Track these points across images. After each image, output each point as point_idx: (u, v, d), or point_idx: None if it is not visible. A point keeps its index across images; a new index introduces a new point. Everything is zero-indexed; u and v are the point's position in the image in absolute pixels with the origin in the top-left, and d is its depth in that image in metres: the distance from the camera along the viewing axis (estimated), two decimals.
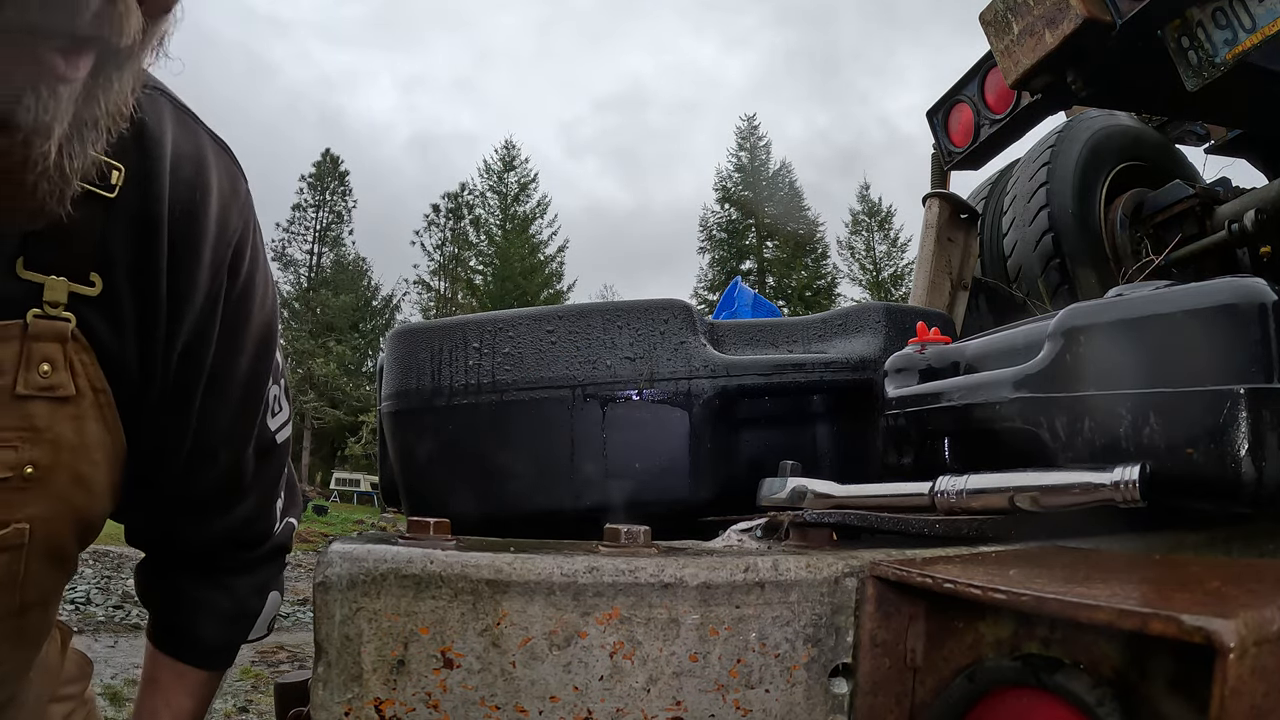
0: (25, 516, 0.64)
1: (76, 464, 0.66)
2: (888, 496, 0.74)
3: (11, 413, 0.61)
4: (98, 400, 0.67)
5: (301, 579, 9.09)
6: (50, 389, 0.63)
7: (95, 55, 0.50)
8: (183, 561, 0.90)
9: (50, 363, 0.62)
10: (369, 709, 0.48)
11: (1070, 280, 2.05)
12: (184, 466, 0.78)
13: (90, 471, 0.68)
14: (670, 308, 1.01)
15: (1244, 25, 1.38)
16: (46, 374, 0.62)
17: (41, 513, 0.65)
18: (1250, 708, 0.34)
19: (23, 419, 0.62)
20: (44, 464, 0.63)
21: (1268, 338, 0.59)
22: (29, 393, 0.61)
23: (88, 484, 0.68)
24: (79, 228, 0.61)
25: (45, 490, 0.64)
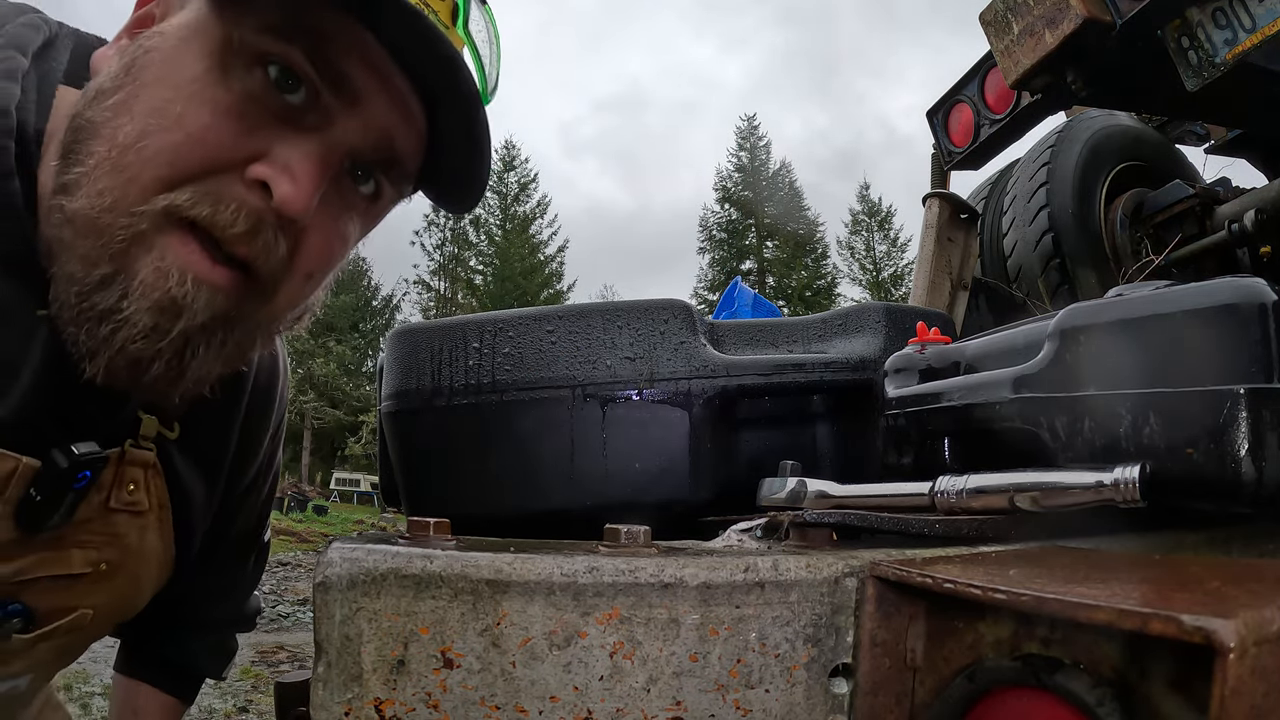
0: (91, 604, 0.75)
1: (135, 565, 0.78)
2: (888, 496, 0.74)
3: (102, 523, 0.73)
4: (160, 515, 0.79)
5: (301, 579, 9.10)
6: (132, 504, 0.75)
7: (248, 278, 0.57)
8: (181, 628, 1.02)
9: (135, 483, 0.74)
10: (369, 709, 0.48)
11: (1070, 280, 2.05)
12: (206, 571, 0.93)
13: (143, 572, 0.80)
14: (670, 308, 1.01)
15: (1244, 25, 1.38)
16: (131, 492, 0.74)
17: (102, 602, 0.77)
18: (1250, 708, 0.34)
19: (107, 527, 0.73)
20: (114, 563, 0.75)
21: (1268, 338, 0.59)
22: (117, 506, 0.73)
23: (139, 582, 0.80)
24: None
25: (109, 584, 0.76)
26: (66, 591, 0.72)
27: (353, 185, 0.62)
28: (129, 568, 0.77)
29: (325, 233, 0.60)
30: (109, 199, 0.53)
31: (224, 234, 0.54)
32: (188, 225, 0.54)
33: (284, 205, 0.55)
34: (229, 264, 0.56)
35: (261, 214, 0.55)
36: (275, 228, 0.57)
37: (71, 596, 0.73)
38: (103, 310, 0.54)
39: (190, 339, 0.56)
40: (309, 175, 0.56)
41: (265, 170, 0.54)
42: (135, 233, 0.53)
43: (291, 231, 0.58)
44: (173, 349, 0.56)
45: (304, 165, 0.56)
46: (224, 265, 0.56)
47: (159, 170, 0.53)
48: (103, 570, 0.74)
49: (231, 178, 0.55)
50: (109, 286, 0.54)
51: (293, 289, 0.61)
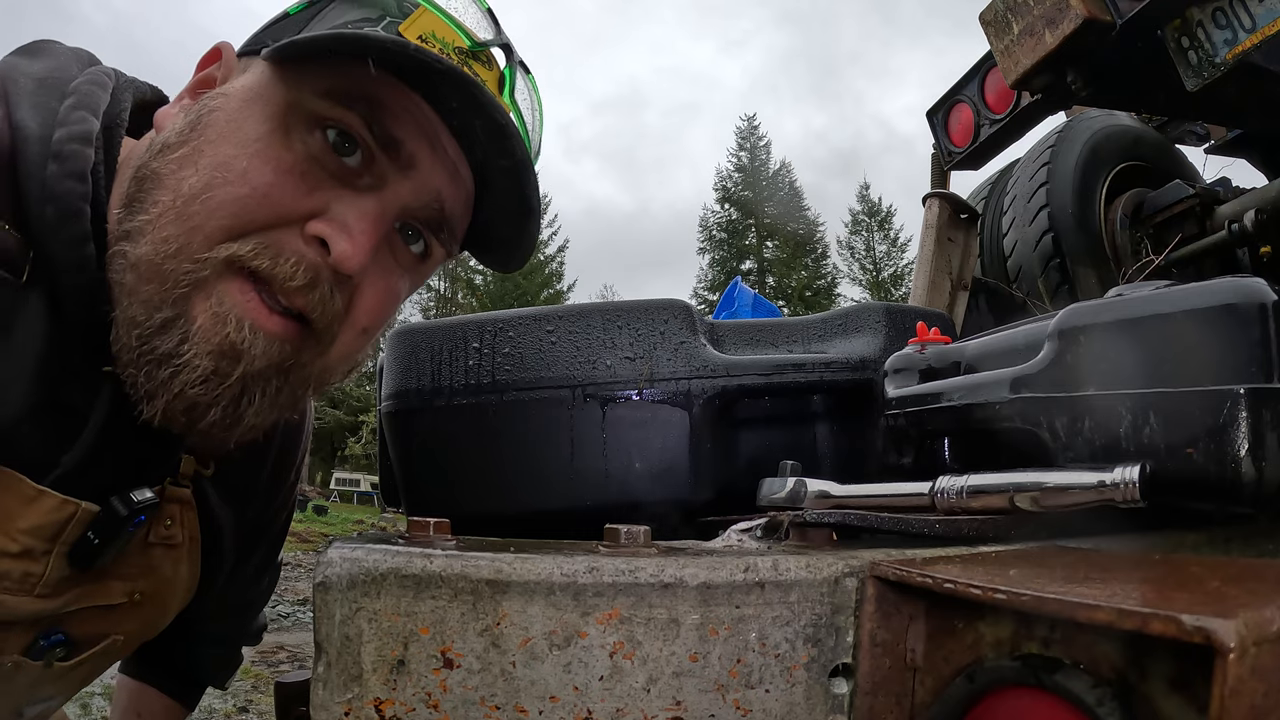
0: (123, 631, 0.80)
1: (165, 594, 0.82)
2: (888, 496, 0.74)
3: (140, 556, 0.77)
4: (190, 548, 0.82)
5: (301, 579, 9.09)
6: (167, 539, 0.79)
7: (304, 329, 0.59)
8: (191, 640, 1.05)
9: (171, 519, 0.78)
10: (369, 709, 0.48)
11: (1070, 280, 2.04)
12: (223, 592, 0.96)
13: (171, 599, 0.83)
14: (670, 308, 1.01)
15: (1244, 25, 1.38)
16: (168, 527, 0.78)
17: (133, 629, 0.81)
18: (1250, 708, 0.34)
19: (145, 560, 0.78)
20: (147, 593, 0.79)
21: (1268, 338, 0.59)
22: (155, 541, 0.77)
23: (166, 609, 0.84)
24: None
25: (140, 612, 0.80)
26: (103, 620, 0.77)
27: (403, 244, 0.65)
28: (160, 596, 0.81)
29: (378, 289, 0.63)
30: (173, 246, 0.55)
31: (283, 286, 0.57)
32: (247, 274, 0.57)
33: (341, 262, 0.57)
34: (285, 314, 0.58)
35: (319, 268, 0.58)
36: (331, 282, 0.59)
37: (107, 624, 0.78)
38: (163, 354, 0.56)
39: (247, 386, 0.58)
40: (364, 233, 0.59)
41: (324, 228, 0.57)
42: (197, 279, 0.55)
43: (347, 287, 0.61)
44: (230, 395, 0.58)
45: (360, 224, 0.58)
46: (280, 314, 0.58)
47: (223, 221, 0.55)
48: (136, 600, 0.78)
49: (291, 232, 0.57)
50: (169, 330, 0.56)
51: (347, 341, 0.64)
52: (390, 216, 0.61)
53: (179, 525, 0.80)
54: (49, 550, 0.66)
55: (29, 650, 0.72)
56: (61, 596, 0.71)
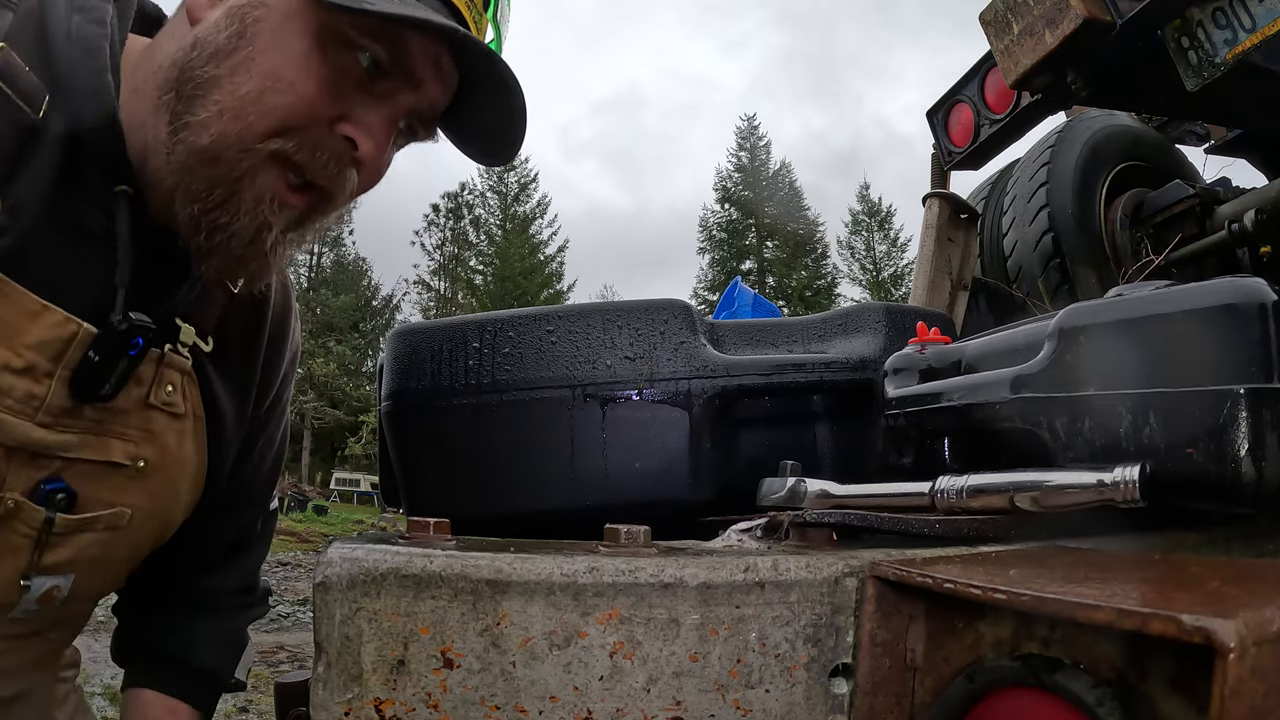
0: (129, 503, 0.81)
1: (173, 471, 0.85)
2: (888, 496, 0.74)
3: (140, 417, 0.80)
4: (196, 425, 0.86)
5: (301, 579, 9.09)
6: (169, 405, 0.82)
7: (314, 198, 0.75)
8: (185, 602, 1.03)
9: (172, 385, 0.82)
10: (369, 709, 0.48)
11: (1070, 280, 2.04)
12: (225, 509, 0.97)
13: (179, 480, 0.86)
14: (670, 308, 1.01)
15: (1244, 25, 1.38)
16: (169, 393, 0.82)
17: (140, 504, 0.82)
18: (1250, 708, 0.34)
19: (146, 423, 0.81)
20: (152, 462, 0.82)
21: (1268, 338, 0.59)
22: (155, 404, 0.81)
23: (175, 491, 0.86)
24: (213, 303, 0.86)
25: (147, 485, 0.82)
26: (106, 483, 0.79)
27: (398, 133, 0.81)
28: (167, 471, 0.84)
29: (378, 165, 0.78)
30: (231, 139, 0.70)
31: (318, 174, 0.73)
32: (284, 162, 0.71)
33: (364, 158, 0.74)
34: (305, 189, 0.74)
35: (345, 160, 0.73)
36: (352, 168, 0.75)
37: (111, 489, 0.80)
38: (220, 224, 0.71)
39: (277, 242, 0.75)
40: (383, 134, 0.75)
41: (353, 130, 0.73)
42: (248, 166, 0.70)
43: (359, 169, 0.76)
44: (262, 251, 0.74)
45: (380, 127, 0.75)
46: (300, 191, 0.73)
47: (271, 122, 0.70)
48: (141, 468, 0.81)
49: (323, 130, 0.72)
50: (225, 205, 0.71)
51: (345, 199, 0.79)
52: (398, 119, 0.77)
53: (180, 395, 0.83)
54: (51, 372, 0.72)
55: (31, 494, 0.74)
56: (62, 434, 0.74)
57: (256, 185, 0.71)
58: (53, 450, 0.74)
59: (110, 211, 0.74)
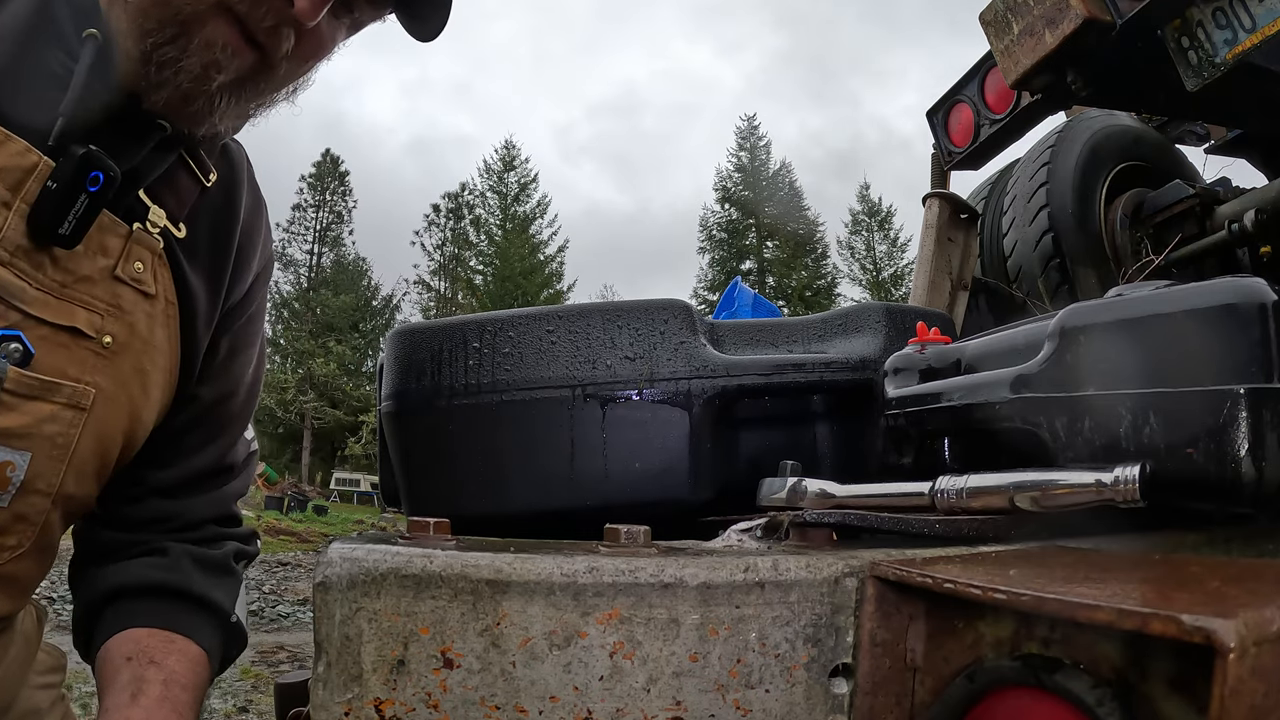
0: (93, 382, 0.78)
1: (141, 355, 0.82)
2: (888, 496, 0.74)
3: (107, 289, 0.78)
4: (167, 310, 0.84)
5: (301, 579, 9.09)
6: (138, 281, 0.80)
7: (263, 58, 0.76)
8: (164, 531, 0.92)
9: (142, 263, 0.80)
10: (369, 709, 0.48)
11: (1070, 280, 2.04)
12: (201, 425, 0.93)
13: (149, 368, 0.83)
14: (670, 308, 1.01)
15: (1244, 25, 1.38)
16: (139, 270, 0.80)
17: (106, 386, 0.79)
18: (1250, 708, 0.34)
19: (113, 296, 0.78)
20: (120, 340, 0.79)
21: (1268, 338, 0.59)
22: (124, 277, 0.79)
23: (145, 381, 0.83)
24: (184, 191, 0.85)
25: (114, 366, 0.79)
26: (68, 353, 0.76)
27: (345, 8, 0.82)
28: (135, 354, 0.81)
29: (320, 33, 0.79)
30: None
31: (256, 25, 0.74)
32: (230, 13, 0.73)
33: (300, 14, 0.74)
34: (250, 44, 0.75)
35: (284, 15, 0.74)
36: (291, 27, 0.76)
37: (74, 362, 0.76)
38: (169, 58, 0.73)
39: (221, 89, 0.76)
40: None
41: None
42: (198, 10, 0.72)
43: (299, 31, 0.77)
44: (209, 92, 0.75)
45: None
46: (249, 46, 0.75)
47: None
48: (107, 344, 0.78)
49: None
50: (175, 42, 0.73)
51: (291, 68, 0.81)
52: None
53: (151, 275, 0.81)
54: (9, 202, 0.71)
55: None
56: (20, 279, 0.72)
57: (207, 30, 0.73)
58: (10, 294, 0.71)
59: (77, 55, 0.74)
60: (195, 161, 0.87)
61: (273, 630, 6.59)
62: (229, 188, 0.92)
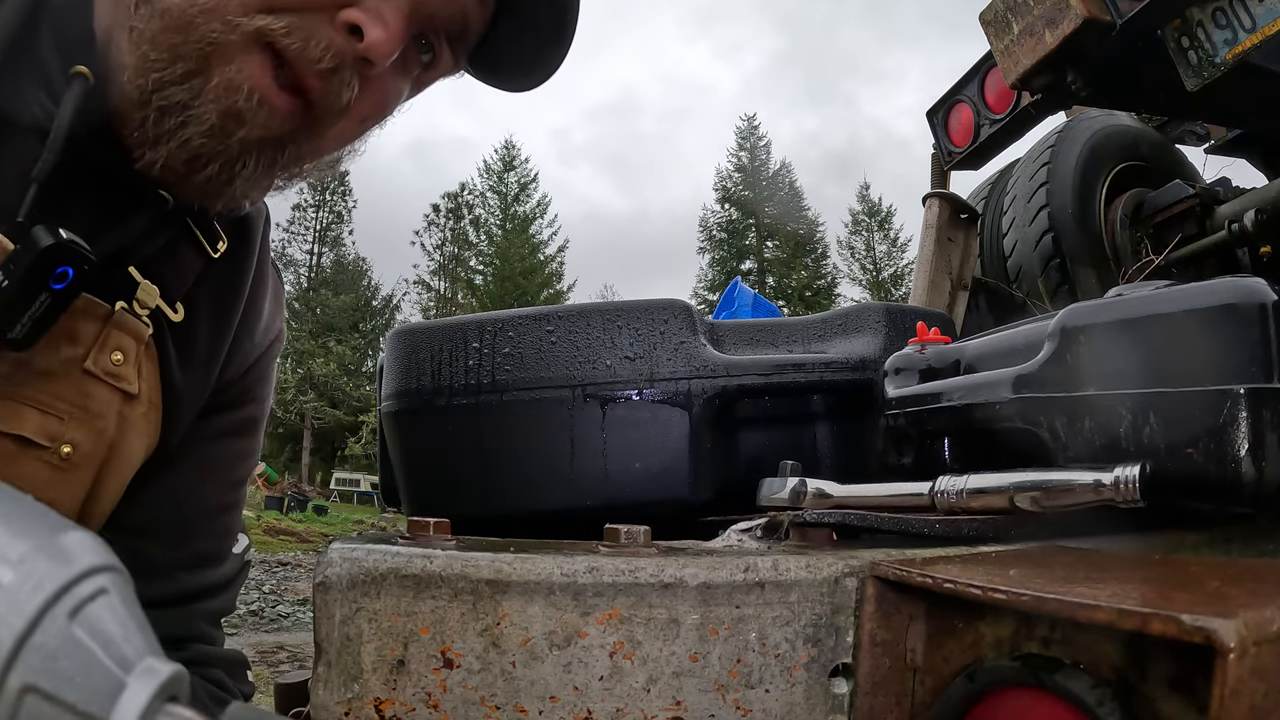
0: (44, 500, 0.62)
1: (105, 466, 0.65)
2: (888, 496, 0.74)
3: (72, 385, 0.61)
4: (149, 414, 0.67)
5: (301, 579, 9.09)
6: (115, 377, 0.63)
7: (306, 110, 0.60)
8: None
9: (123, 353, 0.64)
10: (369, 709, 0.48)
11: (1070, 280, 2.05)
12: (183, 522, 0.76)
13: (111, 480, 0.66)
14: (670, 308, 1.01)
15: (1244, 25, 1.38)
16: (117, 363, 0.63)
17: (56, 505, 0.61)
18: (1250, 708, 0.34)
19: (80, 395, 0.62)
20: (82, 450, 0.62)
21: (1268, 338, 0.59)
22: (96, 372, 0.62)
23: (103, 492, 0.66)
24: (185, 264, 0.69)
25: (68, 484, 0.63)
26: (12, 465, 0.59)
27: (415, 51, 0.66)
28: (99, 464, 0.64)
29: (385, 85, 0.64)
30: (209, 3, 0.55)
31: (308, 70, 0.58)
32: (270, 51, 0.57)
33: (371, 49, 0.58)
34: (292, 92, 0.59)
35: (345, 55, 0.58)
36: (352, 70, 0.60)
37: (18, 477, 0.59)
38: (176, 103, 0.57)
39: (244, 151, 0.59)
40: (398, 25, 0.60)
41: (360, 15, 0.58)
42: (225, 42, 0.56)
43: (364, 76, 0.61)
44: (227, 155, 0.59)
45: (395, 16, 0.60)
46: (287, 92, 0.59)
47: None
48: (66, 455, 0.61)
49: (323, 17, 0.58)
50: (187, 82, 0.56)
51: (344, 129, 0.64)
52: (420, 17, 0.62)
53: (134, 369, 0.65)
54: None
55: None
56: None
57: (232, 68, 0.57)
58: None
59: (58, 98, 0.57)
60: (202, 227, 0.70)
61: (273, 630, 6.59)
62: (238, 257, 0.76)
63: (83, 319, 0.61)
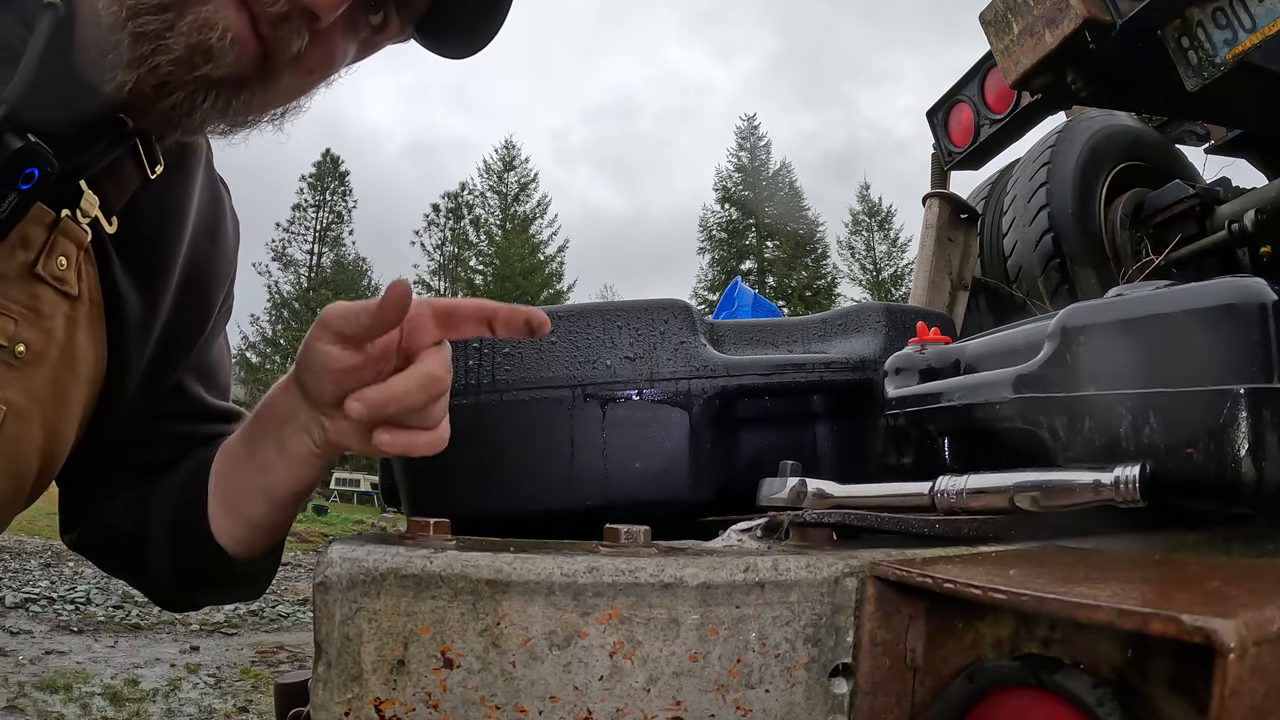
0: (3, 397, 0.66)
1: (60, 366, 0.70)
2: (888, 496, 0.74)
3: (24, 288, 0.66)
4: (92, 312, 0.72)
5: (301, 579, 9.09)
6: (60, 280, 0.68)
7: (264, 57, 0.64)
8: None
9: (67, 259, 0.68)
10: (369, 709, 0.48)
11: (1070, 280, 2.05)
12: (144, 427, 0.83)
13: (69, 381, 0.71)
14: (670, 308, 1.01)
15: (1244, 25, 1.38)
16: (62, 267, 0.68)
17: (18, 402, 0.67)
18: (1250, 708, 0.34)
19: (30, 297, 0.67)
20: (34, 349, 0.67)
21: (1268, 338, 0.59)
22: (44, 275, 0.67)
23: (64, 394, 0.71)
24: (125, 180, 0.73)
25: (26, 379, 0.67)
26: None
27: (364, 13, 0.70)
28: (54, 365, 0.69)
29: (334, 40, 0.68)
30: None
31: (262, 13, 0.62)
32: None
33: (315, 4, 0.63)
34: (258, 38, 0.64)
35: (294, 5, 0.63)
36: (300, 21, 0.64)
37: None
38: (151, 31, 0.61)
39: (207, 86, 0.64)
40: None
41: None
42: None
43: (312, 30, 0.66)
44: (192, 86, 0.63)
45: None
46: (256, 37, 0.63)
47: None
48: (20, 354, 0.66)
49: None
50: (162, 14, 0.61)
51: (292, 83, 0.69)
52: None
53: (75, 273, 0.69)
54: None
55: None
56: None
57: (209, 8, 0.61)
58: None
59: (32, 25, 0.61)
60: (145, 149, 0.74)
61: (273, 630, 6.59)
62: (179, 181, 0.80)
63: (33, 225, 0.65)
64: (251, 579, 0.89)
